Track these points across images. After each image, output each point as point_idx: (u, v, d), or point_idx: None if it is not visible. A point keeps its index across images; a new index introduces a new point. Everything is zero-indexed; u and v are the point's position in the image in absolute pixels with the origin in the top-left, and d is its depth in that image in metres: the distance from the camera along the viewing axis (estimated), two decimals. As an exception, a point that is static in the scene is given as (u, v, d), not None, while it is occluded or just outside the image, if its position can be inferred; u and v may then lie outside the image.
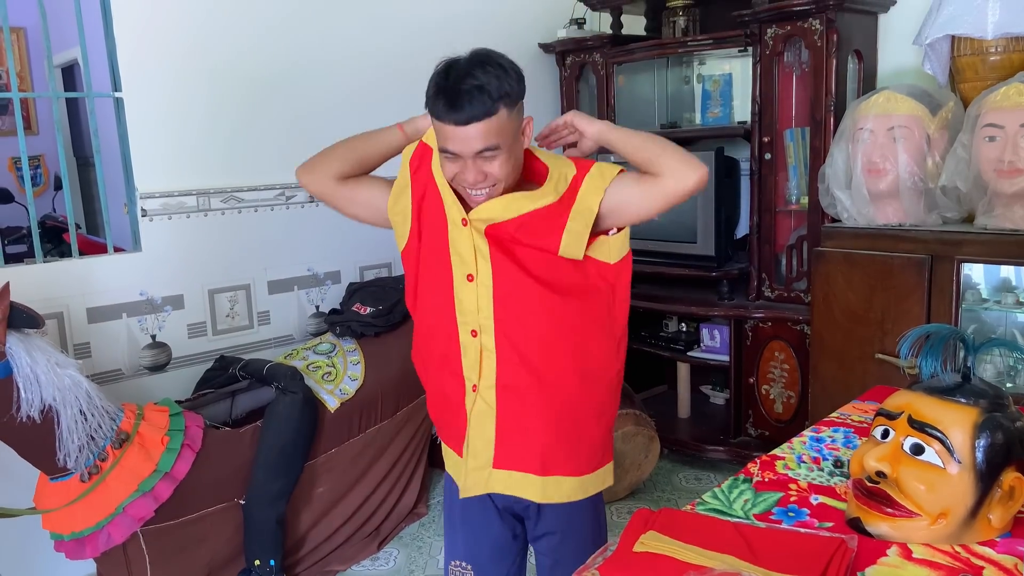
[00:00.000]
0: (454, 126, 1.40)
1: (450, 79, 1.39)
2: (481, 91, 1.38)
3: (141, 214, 2.75)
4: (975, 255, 2.46)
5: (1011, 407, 1.20)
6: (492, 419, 1.58)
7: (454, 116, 1.39)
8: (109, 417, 2.25)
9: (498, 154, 1.44)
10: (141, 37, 2.71)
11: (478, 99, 1.38)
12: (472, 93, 1.38)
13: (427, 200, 1.57)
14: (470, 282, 1.55)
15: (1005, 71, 2.54)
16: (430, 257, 1.59)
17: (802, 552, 1.13)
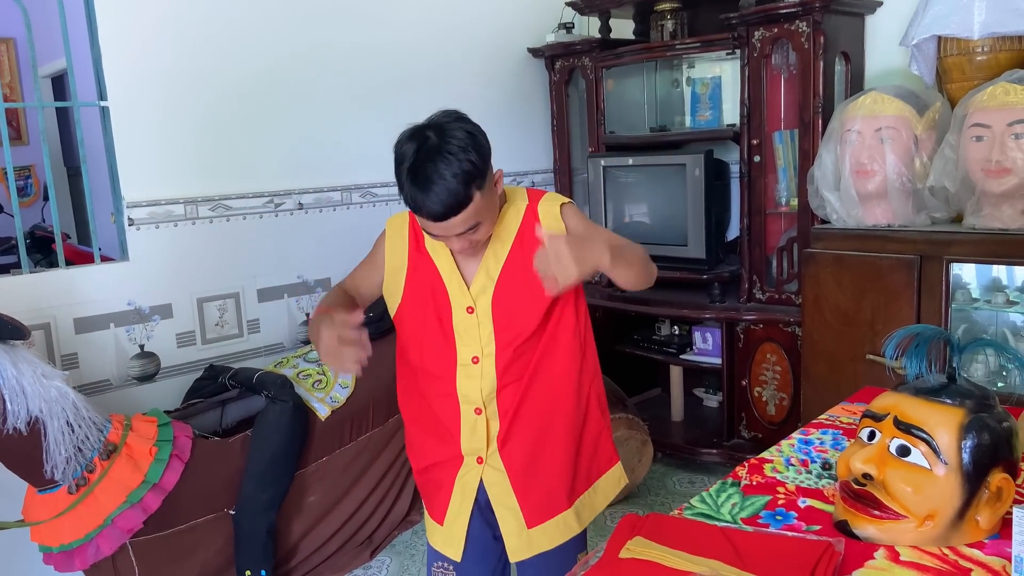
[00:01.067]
0: (434, 222, 1.45)
1: (418, 180, 1.41)
2: (451, 191, 1.41)
3: (128, 223, 2.74)
4: (964, 255, 2.46)
5: (997, 407, 1.20)
6: (507, 483, 1.65)
7: (432, 214, 1.44)
8: (96, 428, 2.23)
9: (480, 226, 1.50)
10: (127, 46, 2.70)
11: (450, 198, 1.41)
12: (443, 194, 1.41)
13: (424, 278, 1.64)
14: (475, 364, 1.61)
15: (991, 71, 2.54)
16: (429, 336, 1.63)
17: (789, 556, 1.12)
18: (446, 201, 1.41)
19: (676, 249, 3.33)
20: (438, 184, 1.40)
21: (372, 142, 3.37)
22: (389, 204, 3.45)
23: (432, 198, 1.41)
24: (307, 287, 3.22)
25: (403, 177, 1.44)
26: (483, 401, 1.62)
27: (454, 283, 1.62)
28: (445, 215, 1.43)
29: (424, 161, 1.41)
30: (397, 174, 1.45)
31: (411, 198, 1.43)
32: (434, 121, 1.47)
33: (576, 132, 3.91)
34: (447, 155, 1.41)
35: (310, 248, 3.21)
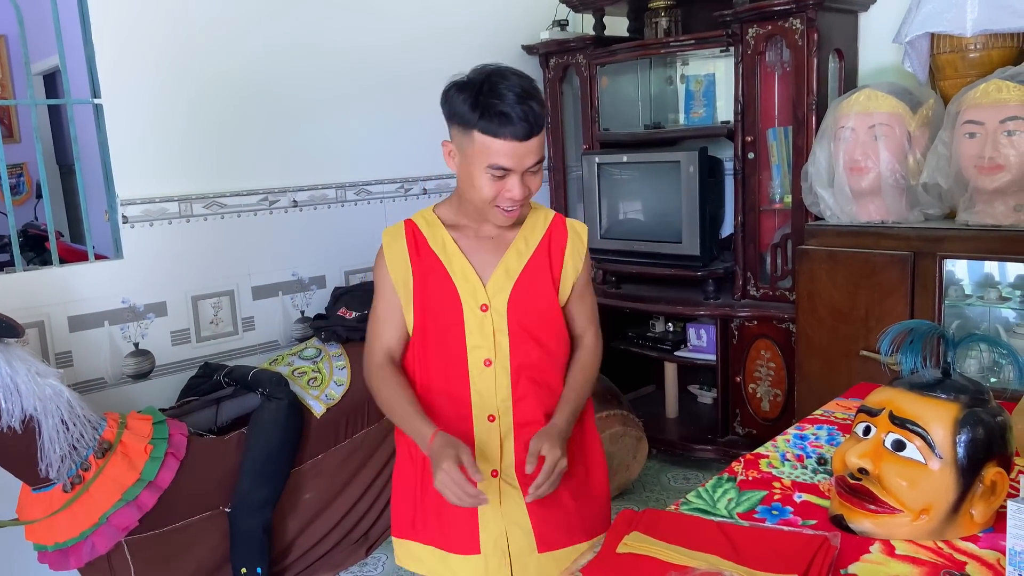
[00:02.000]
0: (514, 142, 1.39)
1: (497, 95, 1.37)
2: (533, 104, 1.39)
3: (122, 221, 2.73)
4: (957, 251, 2.47)
5: (992, 402, 1.20)
6: (522, 501, 1.53)
7: (513, 132, 1.38)
8: (91, 426, 2.23)
9: (539, 168, 1.46)
10: (120, 43, 2.69)
11: (532, 115, 1.38)
12: (527, 106, 1.38)
13: (431, 284, 1.54)
14: (488, 367, 1.54)
15: (984, 68, 2.56)
16: (440, 343, 1.55)
17: (785, 550, 1.13)
18: (530, 116, 1.38)
19: (670, 246, 3.34)
20: (525, 102, 1.37)
21: (367, 139, 3.37)
22: (383, 201, 3.44)
23: (521, 112, 1.37)
24: (302, 284, 3.21)
25: (480, 97, 1.38)
26: (498, 409, 1.54)
27: (467, 281, 1.54)
28: (528, 133, 1.39)
29: (499, 79, 1.39)
30: (472, 100, 1.39)
31: (494, 111, 1.37)
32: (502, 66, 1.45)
33: (570, 129, 3.91)
34: (524, 82, 1.41)
35: (305, 245, 3.21)
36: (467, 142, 1.42)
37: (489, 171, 1.42)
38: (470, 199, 1.49)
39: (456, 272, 1.54)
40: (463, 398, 1.54)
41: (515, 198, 1.45)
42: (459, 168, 1.47)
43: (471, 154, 1.42)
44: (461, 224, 1.57)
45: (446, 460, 1.36)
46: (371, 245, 3.37)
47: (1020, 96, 2.32)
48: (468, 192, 1.48)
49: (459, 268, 1.54)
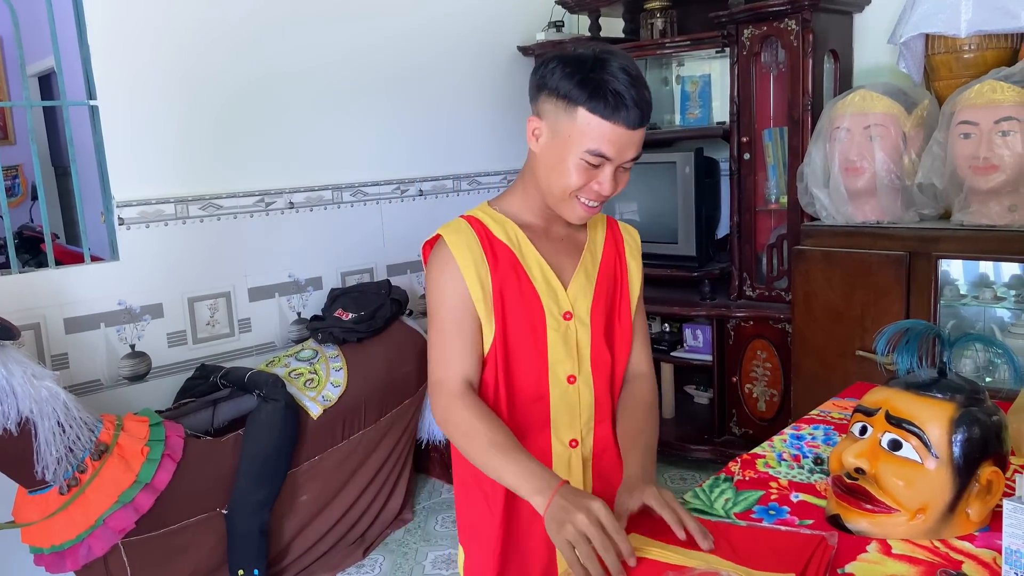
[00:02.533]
0: (625, 128, 1.22)
1: (610, 75, 1.21)
2: (645, 95, 1.24)
3: (118, 222, 2.73)
4: (952, 251, 2.48)
5: (987, 401, 1.21)
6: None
7: (625, 117, 1.22)
8: (87, 428, 2.22)
9: (631, 165, 1.30)
10: (116, 45, 2.69)
11: (644, 102, 1.24)
12: (641, 95, 1.23)
13: (508, 290, 1.32)
14: (571, 384, 1.36)
15: (979, 68, 2.57)
16: (519, 359, 1.34)
17: (783, 549, 1.13)
18: (643, 105, 1.23)
19: (667, 247, 3.34)
20: (641, 89, 1.23)
21: (363, 140, 3.37)
22: (380, 203, 3.44)
23: (636, 99, 1.21)
24: (298, 286, 3.21)
25: (592, 72, 1.21)
26: (580, 432, 1.37)
27: (548, 285, 1.35)
28: (640, 120, 1.23)
29: (611, 57, 1.23)
30: (573, 77, 1.22)
31: (610, 92, 1.20)
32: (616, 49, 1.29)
33: (566, 130, 3.91)
34: (626, 58, 1.25)
35: (301, 247, 3.21)
36: (566, 121, 1.24)
37: (586, 156, 1.24)
38: (548, 188, 1.30)
39: (536, 275, 1.34)
40: (542, 420, 1.35)
41: (603, 192, 1.28)
42: (545, 150, 1.28)
43: (569, 135, 1.24)
44: (529, 221, 1.37)
45: (595, 502, 1.11)
46: (368, 247, 3.40)
47: (1014, 97, 2.33)
48: (549, 178, 1.29)
49: (538, 271, 1.35)
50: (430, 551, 2.91)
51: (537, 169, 1.31)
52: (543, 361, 1.35)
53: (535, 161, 1.32)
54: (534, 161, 1.32)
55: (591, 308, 1.38)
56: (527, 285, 1.33)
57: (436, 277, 1.32)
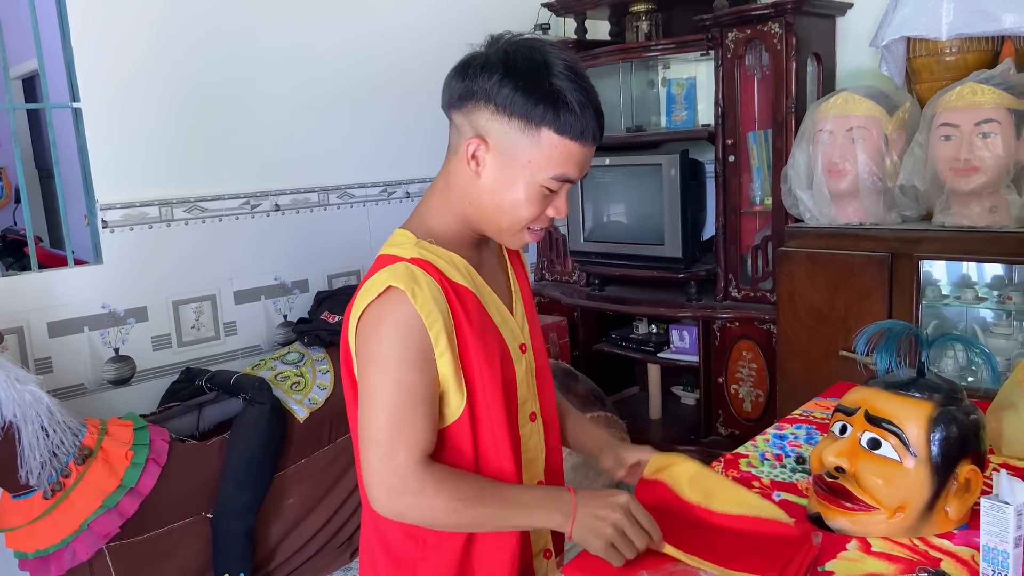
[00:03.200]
0: (591, 146, 1.10)
1: (579, 88, 1.07)
2: (599, 101, 1.12)
3: (102, 225, 2.72)
4: (934, 252, 2.51)
5: (965, 401, 1.22)
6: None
7: (594, 132, 1.09)
8: (71, 433, 2.21)
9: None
10: (99, 47, 2.67)
11: (601, 110, 1.12)
12: (598, 102, 1.11)
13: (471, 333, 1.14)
14: (533, 422, 1.25)
15: (960, 71, 2.59)
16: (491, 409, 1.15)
17: (766, 549, 1.14)
18: (599, 106, 1.10)
19: (653, 248, 3.36)
20: (589, 85, 1.09)
21: (349, 143, 3.37)
22: (367, 205, 3.44)
23: (596, 102, 1.09)
24: (284, 289, 3.20)
25: (549, 83, 1.06)
26: (543, 471, 1.26)
27: (504, 321, 1.21)
28: (599, 138, 1.11)
29: (556, 58, 1.08)
30: (526, 91, 1.06)
31: (572, 107, 1.06)
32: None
33: (553, 132, 3.91)
34: (564, 50, 1.13)
35: (287, 249, 3.20)
36: (525, 144, 1.08)
37: (549, 183, 1.10)
38: (493, 217, 1.14)
39: (495, 314, 1.19)
40: (513, 468, 1.17)
41: (560, 216, 1.15)
42: (492, 175, 1.11)
43: (529, 160, 1.08)
44: (466, 252, 1.19)
45: (620, 496, 1.10)
46: (354, 250, 3.40)
47: (995, 99, 2.36)
48: (497, 207, 1.12)
49: (494, 308, 1.19)
50: (417, 553, 2.90)
51: (476, 195, 1.13)
52: (514, 408, 1.20)
53: (471, 186, 1.13)
54: (468, 185, 1.13)
55: (531, 332, 1.26)
56: (491, 329, 1.17)
57: (391, 339, 1.06)
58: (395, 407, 1.07)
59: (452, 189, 1.16)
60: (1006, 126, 2.35)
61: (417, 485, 1.07)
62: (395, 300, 1.07)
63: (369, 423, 1.08)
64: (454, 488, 1.08)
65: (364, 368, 1.09)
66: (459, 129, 1.14)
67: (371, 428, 1.07)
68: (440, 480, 1.08)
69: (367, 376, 1.08)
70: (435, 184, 1.20)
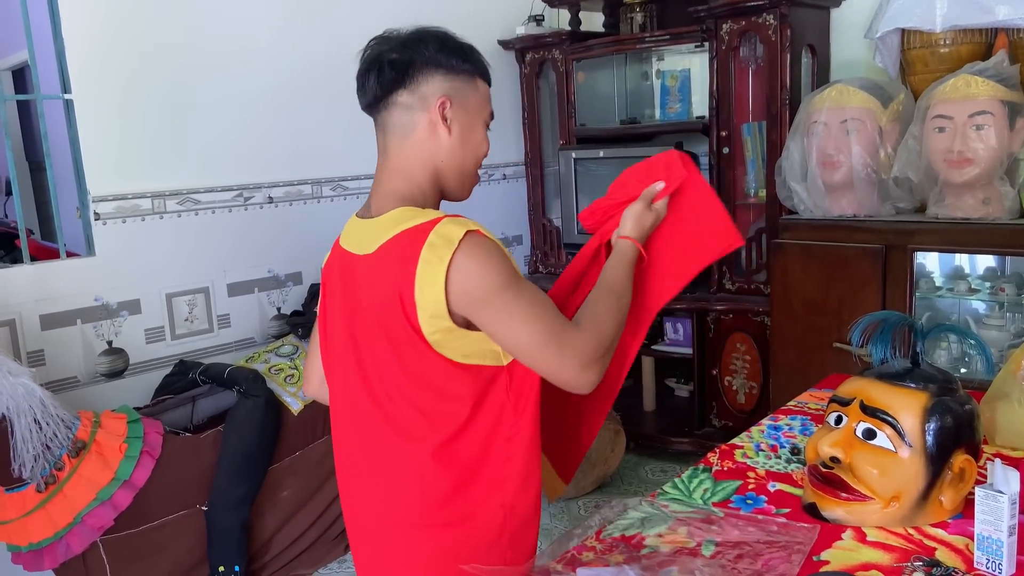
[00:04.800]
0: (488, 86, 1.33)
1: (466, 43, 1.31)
2: None
3: (94, 218, 2.70)
4: (928, 244, 2.51)
5: (960, 391, 1.23)
6: None
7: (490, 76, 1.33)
8: (65, 425, 2.20)
9: None
10: (91, 38, 2.65)
11: None
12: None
13: None
14: None
15: (954, 63, 2.59)
16: None
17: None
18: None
19: (647, 240, 3.35)
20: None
21: (342, 135, 3.35)
22: (360, 197, 3.43)
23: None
24: (277, 281, 3.20)
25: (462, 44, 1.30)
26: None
27: None
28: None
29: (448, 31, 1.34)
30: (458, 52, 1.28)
31: (480, 59, 1.30)
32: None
33: (547, 124, 3.92)
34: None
35: (280, 242, 3.19)
36: (471, 92, 1.28)
37: (487, 119, 1.32)
38: (461, 165, 1.29)
39: None
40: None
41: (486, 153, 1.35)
42: (459, 126, 1.26)
43: (475, 104, 1.28)
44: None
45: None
46: (348, 241, 3.38)
47: (988, 91, 2.36)
48: (464, 154, 1.29)
49: None
50: (412, 545, 2.91)
51: (448, 150, 1.27)
52: None
53: (442, 145, 1.26)
54: (438, 147, 1.26)
55: None
56: None
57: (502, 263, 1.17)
58: (540, 304, 1.17)
59: (418, 162, 1.27)
60: (999, 118, 2.36)
61: (592, 342, 1.18)
62: (481, 239, 1.16)
63: (530, 329, 1.15)
64: (595, 318, 1.22)
65: (493, 298, 1.15)
66: (408, 106, 1.25)
67: (536, 332, 1.15)
68: (589, 323, 1.20)
69: (503, 301, 1.15)
70: (390, 173, 1.29)
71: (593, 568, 1.07)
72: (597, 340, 1.18)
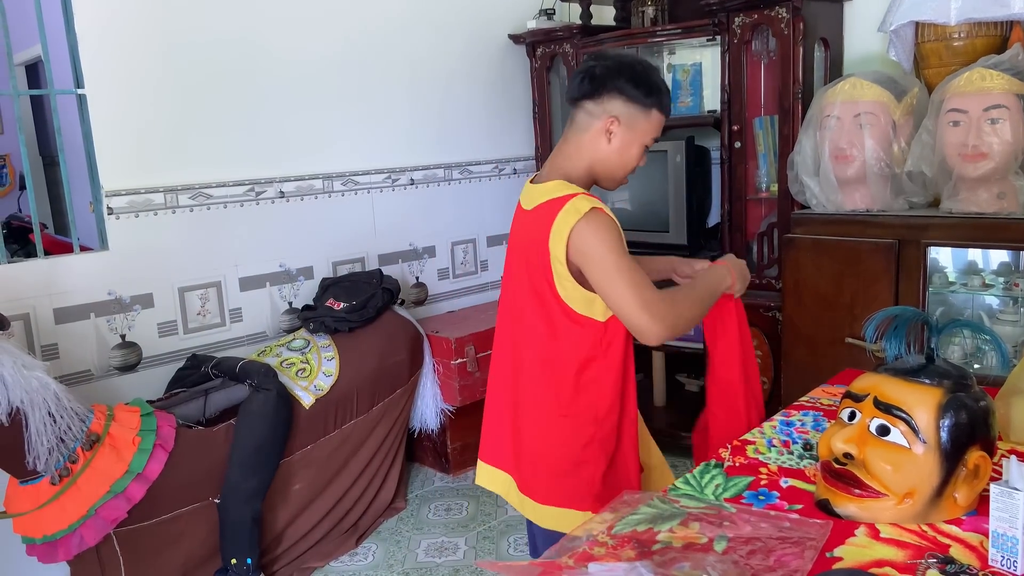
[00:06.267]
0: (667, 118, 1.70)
1: (664, 83, 1.67)
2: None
3: (107, 212, 2.72)
4: (941, 239, 2.49)
5: (975, 387, 1.22)
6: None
7: (670, 111, 1.70)
8: (79, 419, 2.22)
9: None
10: (104, 33, 2.66)
11: None
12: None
13: None
14: None
15: (968, 56, 2.57)
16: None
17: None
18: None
19: (657, 235, 3.35)
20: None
21: (354, 130, 3.36)
22: (371, 192, 3.44)
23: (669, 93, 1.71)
24: (289, 276, 3.20)
25: (654, 83, 1.64)
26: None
27: None
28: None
29: (648, 63, 1.69)
30: (646, 86, 1.63)
31: (666, 95, 1.67)
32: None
33: (558, 118, 3.91)
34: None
35: (292, 236, 3.20)
36: (642, 119, 1.64)
37: (650, 142, 1.69)
38: (614, 171, 1.68)
39: None
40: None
41: (643, 164, 1.73)
42: (619, 141, 1.64)
43: (642, 129, 1.65)
44: None
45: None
46: (358, 237, 3.40)
47: (1003, 84, 2.34)
48: (619, 164, 1.67)
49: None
50: (423, 539, 2.92)
51: (606, 155, 1.66)
52: None
53: (602, 150, 1.65)
54: (600, 149, 1.65)
55: None
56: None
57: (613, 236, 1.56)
58: (632, 271, 1.55)
59: (583, 154, 1.67)
60: (1015, 112, 2.33)
61: (667, 302, 1.56)
62: (600, 214, 1.56)
63: (622, 289, 1.54)
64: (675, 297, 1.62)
65: (598, 258, 1.55)
66: (591, 112, 1.64)
67: (626, 290, 1.53)
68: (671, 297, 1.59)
69: (607, 262, 1.54)
70: (563, 154, 1.69)
71: (605, 564, 1.07)
72: (673, 311, 1.55)
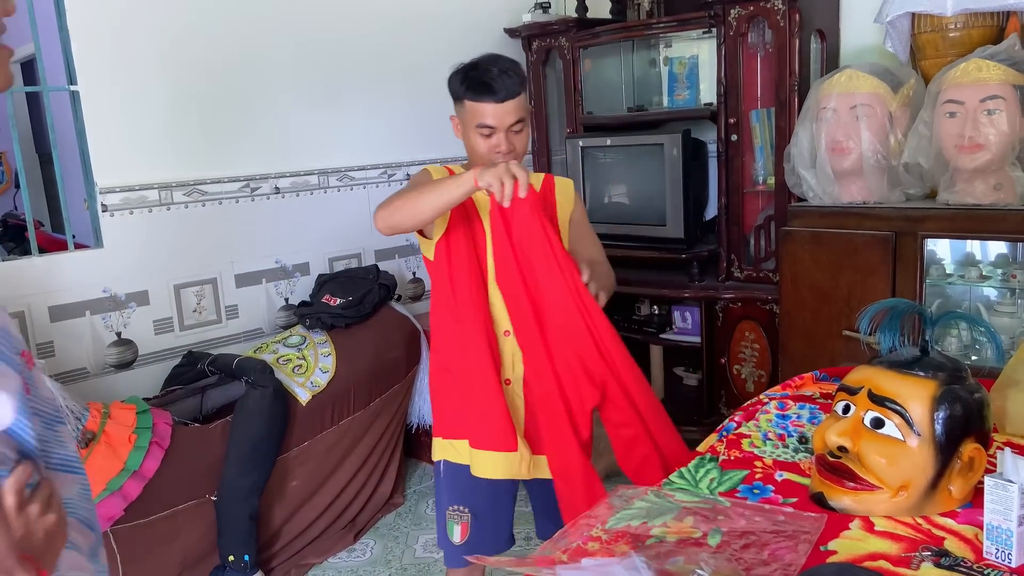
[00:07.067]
0: (494, 104, 1.72)
1: (480, 71, 1.73)
2: (509, 75, 1.73)
3: (102, 209, 2.71)
4: (938, 231, 2.48)
5: (970, 379, 1.21)
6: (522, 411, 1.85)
7: (493, 97, 1.72)
8: (74, 417, 2.22)
9: (524, 128, 1.78)
10: (97, 29, 2.65)
11: (509, 82, 1.72)
12: (503, 77, 1.72)
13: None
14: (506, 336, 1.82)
15: (964, 47, 2.56)
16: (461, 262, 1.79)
17: None
18: (507, 82, 1.71)
19: (655, 229, 3.34)
20: (499, 71, 1.72)
21: (349, 125, 3.35)
22: (367, 187, 3.43)
23: (496, 79, 1.70)
24: (285, 272, 3.20)
25: (469, 74, 1.74)
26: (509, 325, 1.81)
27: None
28: (505, 97, 1.72)
29: (488, 61, 1.75)
30: (461, 79, 1.75)
31: (477, 82, 1.72)
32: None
33: (554, 113, 3.90)
34: (503, 60, 1.76)
35: (287, 232, 3.19)
36: (462, 110, 1.78)
37: (479, 130, 1.75)
38: (472, 156, 1.80)
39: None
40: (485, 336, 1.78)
41: (502, 151, 1.75)
42: (460, 133, 1.81)
43: (466, 119, 1.77)
44: None
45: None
46: (355, 232, 3.39)
47: (1000, 75, 2.33)
48: (470, 149, 1.80)
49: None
50: (421, 535, 2.92)
51: (466, 148, 1.82)
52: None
53: (464, 144, 1.82)
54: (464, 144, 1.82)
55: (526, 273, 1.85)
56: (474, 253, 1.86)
57: (418, 177, 1.82)
58: (405, 188, 1.80)
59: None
60: (1011, 103, 2.32)
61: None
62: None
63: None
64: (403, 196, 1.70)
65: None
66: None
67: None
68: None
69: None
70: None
71: (599, 558, 1.06)
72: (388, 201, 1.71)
